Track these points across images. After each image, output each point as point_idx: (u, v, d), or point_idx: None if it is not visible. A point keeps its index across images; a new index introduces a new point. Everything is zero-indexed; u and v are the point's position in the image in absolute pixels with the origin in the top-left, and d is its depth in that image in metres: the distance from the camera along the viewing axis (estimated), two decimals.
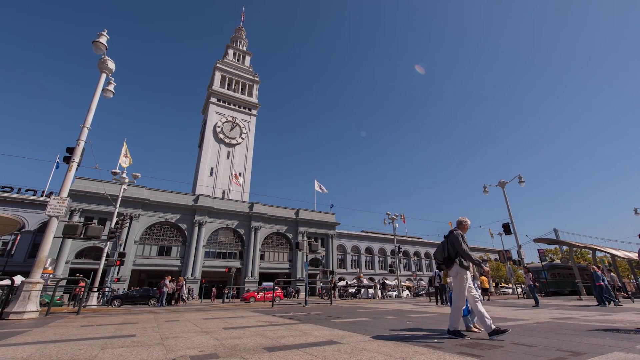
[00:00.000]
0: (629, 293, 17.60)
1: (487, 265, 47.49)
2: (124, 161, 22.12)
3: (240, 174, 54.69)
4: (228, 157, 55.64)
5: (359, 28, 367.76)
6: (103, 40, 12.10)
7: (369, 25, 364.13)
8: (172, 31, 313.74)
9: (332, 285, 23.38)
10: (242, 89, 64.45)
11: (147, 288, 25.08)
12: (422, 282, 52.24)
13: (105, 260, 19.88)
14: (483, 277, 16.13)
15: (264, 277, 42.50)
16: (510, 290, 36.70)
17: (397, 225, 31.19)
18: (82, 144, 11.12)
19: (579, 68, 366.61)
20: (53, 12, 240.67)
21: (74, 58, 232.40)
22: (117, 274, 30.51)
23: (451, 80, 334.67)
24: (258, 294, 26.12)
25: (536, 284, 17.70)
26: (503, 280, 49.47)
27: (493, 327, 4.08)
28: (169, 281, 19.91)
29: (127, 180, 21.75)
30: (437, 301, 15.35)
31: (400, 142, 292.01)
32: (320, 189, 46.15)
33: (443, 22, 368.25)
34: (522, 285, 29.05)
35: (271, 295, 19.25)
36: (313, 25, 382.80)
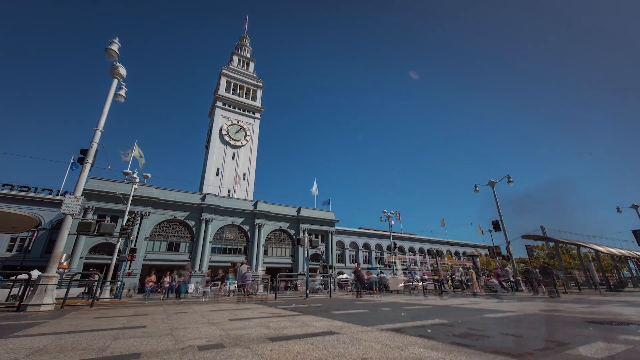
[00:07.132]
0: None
1: (478, 260, 47.49)
2: (137, 157, 21.54)
3: (244, 175, 54.87)
4: (233, 158, 55.64)
5: (359, 35, 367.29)
6: (115, 47, 12.06)
7: (370, 32, 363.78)
8: (181, 40, 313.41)
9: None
10: (246, 93, 64.44)
11: None
12: (417, 275, 52.19)
13: (118, 255, 19.88)
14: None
15: (268, 271, 42.50)
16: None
17: (392, 222, 31.17)
18: (95, 146, 11.09)
19: (572, 63, 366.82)
20: (66, 20, 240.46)
21: (87, 64, 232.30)
22: (129, 269, 30.50)
23: (446, 83, 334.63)
24: None
25: (503, 283, 18.03)
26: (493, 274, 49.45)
27: None
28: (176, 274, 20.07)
29: (137, 180, 21.74)
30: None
31: (399, 143, 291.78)
32: (314, 190, 48.01)
33: (440, 25, 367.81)
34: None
35: None
36: (314, 31, 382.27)
